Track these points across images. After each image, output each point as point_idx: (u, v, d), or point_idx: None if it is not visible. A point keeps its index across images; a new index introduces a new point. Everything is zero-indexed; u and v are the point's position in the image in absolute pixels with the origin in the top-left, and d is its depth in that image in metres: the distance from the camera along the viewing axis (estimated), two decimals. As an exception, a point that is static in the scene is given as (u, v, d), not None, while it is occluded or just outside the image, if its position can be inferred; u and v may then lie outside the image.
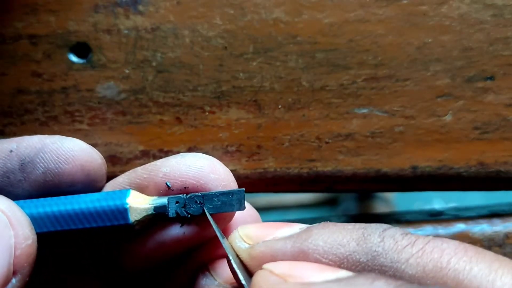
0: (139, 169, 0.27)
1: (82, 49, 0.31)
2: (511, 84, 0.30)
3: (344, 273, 0.21)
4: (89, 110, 0.31)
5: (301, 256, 0.22)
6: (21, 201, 0.25)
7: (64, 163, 0.25)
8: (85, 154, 0.26)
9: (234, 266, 0.23)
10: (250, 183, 0.31)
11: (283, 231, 0.24)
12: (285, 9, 0.30)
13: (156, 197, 0.26)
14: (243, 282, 0.22)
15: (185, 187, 0.26)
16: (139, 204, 0.25)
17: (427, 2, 0.30)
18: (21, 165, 0.26)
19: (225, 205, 0.25)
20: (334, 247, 0.22)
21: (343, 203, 1.08)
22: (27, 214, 0.24)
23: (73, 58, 0.31)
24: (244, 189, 0.26)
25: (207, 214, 0.25)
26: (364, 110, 0.31)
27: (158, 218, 0.26)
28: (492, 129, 0.30)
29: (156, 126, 0.31)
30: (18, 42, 0.31)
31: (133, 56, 0.31)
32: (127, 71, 0.31)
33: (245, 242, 0.24)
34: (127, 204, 0.25)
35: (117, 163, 0.31)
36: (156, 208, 0.25)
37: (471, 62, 0.30)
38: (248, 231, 0.25)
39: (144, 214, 0.25)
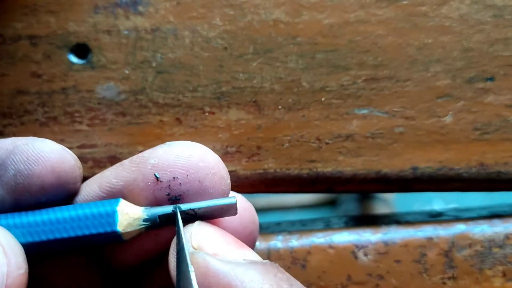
0: (126, 162, 0.26)
1: (82, 50, 0.31)
2: (511, 85, 0.30)
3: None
4: (89, 110, 0.31)
5: None
6: (12, 227, 0.25)
7: (34, 164, 0.25)
8: (56, 155, 0.25)
9: (190, 269, 0.22)
10: (250, 184, 0.31)
11: (241, 253, 0.24)
12: (285, 10, 0.30)
13: (145, 213, 0.25)
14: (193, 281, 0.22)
15: (174, 178, 0.25)
16: (130, 227, 0.25)
17: (427, 2, 0.30)
18: None
19: (217, 213, 0.25)
20: None
21: (343, 204, 1.08)
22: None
23: (73, 58, 0.31)
24: (235, 200, 0.25)
25: (178, 216, 0.25)
26: (364, 111, 0.31)
27: (150, 229, 0.26)
28: (492, 130, 0.30)
29: (156, 127, 0.31)
30: (18, 42, 0.31)
31: (133, 56, 0.31)
32: (127, 72, 0.31)
33: (191, 245, 0.24)
34: (118, 231, 0.25)
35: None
36: (148, 227, 0.25)
37: (471, 62, 0.30)
38: (202, 240, 0.24)
39: (137, 233, 0.25)
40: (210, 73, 0.31)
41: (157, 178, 0.25)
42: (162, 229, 0.26)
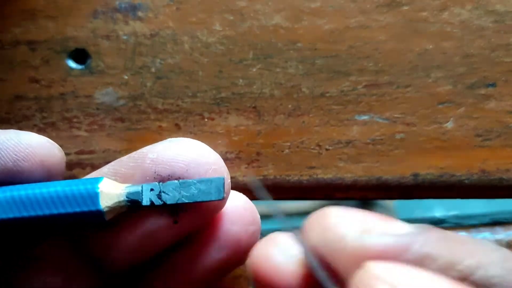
0: (124, 158, 0.26)
1: (81, 55, 0.31)
2: (513, 91, 0.30)
3: None
4: (88, 116, 0.31)
5: (421, 264, 0.18)
6: None
7: (23, 160, 0.24)
8: (44, 149, 0.25)
9: (312, 261, 0.19)
10: (249, 191, 0.31)
11: (395, 227, 0.20)
12: (285, 15, 0.30)
13: (130, 185, 0.25)
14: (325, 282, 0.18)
15: (174, 173, 0.24)
16: (111, 189, 0.24)
17: (428, 8, 0.30)
18: None
19: (202, 193, 0.24)
20: (475, 268, 0.18)
21: (344, 210, 1.08)
22: None
23: (72, 64, 0.31)
24: (224, 177, 0.24)
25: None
26: (365, 117, 0.30)
27: (132, 208, 0.24)
28: (494, 136, 0.30)
29: (155, 132, 0.31)
30: (16, 47, 0.31)
31: (132, 62, 0.31)
32: (126, 77, 0.31)
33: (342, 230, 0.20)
34: (98, 188, 0.23)
35: (115, 170, 0.31)
36: (129, 195, 0.24)
37: (473, 68, 0.30)
38: (346, 219, 0.20)
39: (116, 200, 0.24)
40: (210, 78, 0.30)
41: (156, 175, 0.25)
42: (158, 230, 0.25)
